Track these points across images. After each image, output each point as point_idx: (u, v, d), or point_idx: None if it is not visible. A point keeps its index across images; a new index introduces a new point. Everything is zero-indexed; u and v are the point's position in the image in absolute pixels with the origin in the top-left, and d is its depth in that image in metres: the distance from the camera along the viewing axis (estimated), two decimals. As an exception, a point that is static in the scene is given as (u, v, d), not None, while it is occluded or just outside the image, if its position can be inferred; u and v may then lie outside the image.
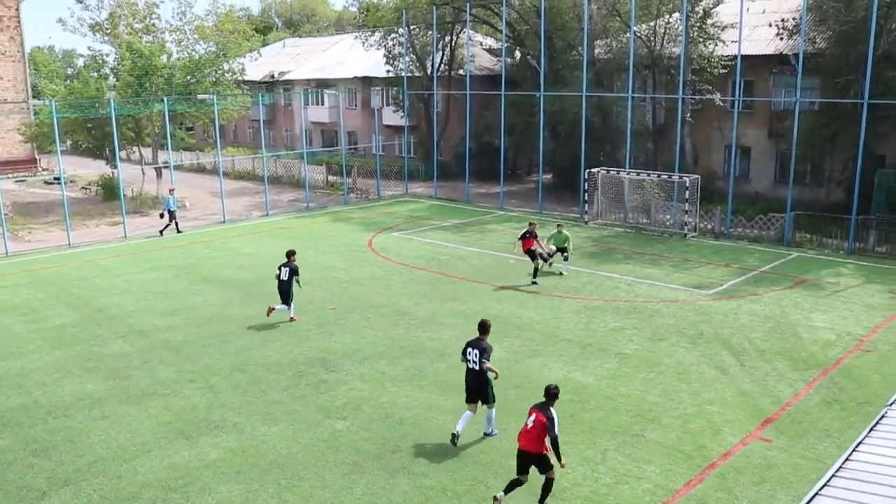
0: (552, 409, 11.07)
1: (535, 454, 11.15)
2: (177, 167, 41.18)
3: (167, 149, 36.99)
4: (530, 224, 24.47)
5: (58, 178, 38.32)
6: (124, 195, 34.19)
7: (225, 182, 37.88)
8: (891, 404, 8.58)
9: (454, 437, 13.03)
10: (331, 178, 46.58)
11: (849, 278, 24.16)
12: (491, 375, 13.02)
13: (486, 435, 13.47)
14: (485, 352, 12.99)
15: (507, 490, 11.23)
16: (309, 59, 64.66)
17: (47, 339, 18.88)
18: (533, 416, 11.15)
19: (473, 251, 28.37)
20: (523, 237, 23.96)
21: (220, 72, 42.15)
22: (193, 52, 42.24)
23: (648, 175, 32.39)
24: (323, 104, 58.00)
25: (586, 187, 33.89)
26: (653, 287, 23.20)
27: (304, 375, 16.29)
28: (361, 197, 42.67)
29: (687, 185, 30.33)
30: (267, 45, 72.29)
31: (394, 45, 46.62)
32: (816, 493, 6.68)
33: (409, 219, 35.36)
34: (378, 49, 47.85)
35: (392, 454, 12.80)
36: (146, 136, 43.30)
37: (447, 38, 46.28)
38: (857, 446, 7.57)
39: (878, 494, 6.59)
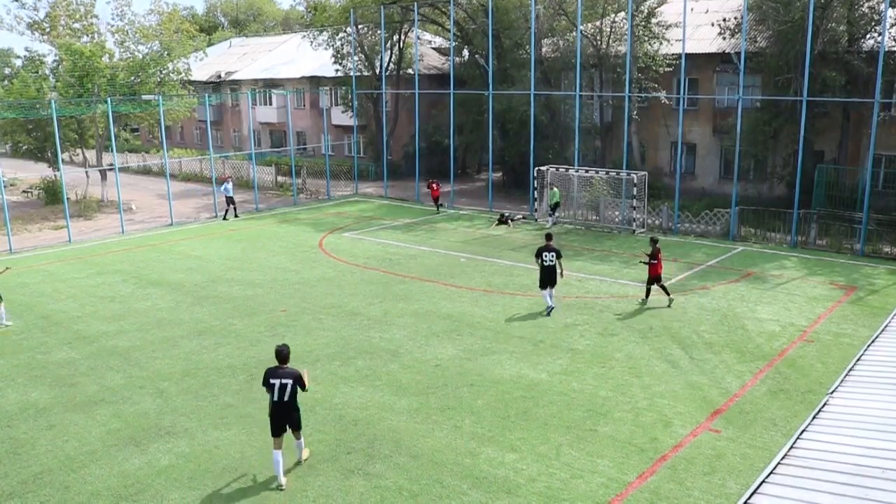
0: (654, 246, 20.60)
1: (659, 276, 20.58)
2: (122, 169, 40.37)
3: (112, 151, 36.22)
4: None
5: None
6: (68, 198, 33.39)
7: (172, 184, 37.25)
8: (832, 392, 8.81)
9: (549, 310, 19.93)
10: (280, 178, 46.20)
11: (792, 271, 24.79)
12: (559, 269, 19.88)
13: (550, 309, 19.94)
14: (559, 252, 19.83)
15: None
16: (256, 58, 63.90)
17: (-11, 348, 18.35)
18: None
19: (424, 250, 28.38)
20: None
21: (164, 72, 41.42)
22: (136, 53, 41.45)
23: (597, 172, 32.76)
24: (271, 104, 57.40)
25: (536, 185, 34.16)
26: (603, 283, 23.49)
27: (256, 378, 16.05)
28: (311, 197, 42.37)
29: (635, 181, 30.77)
30: (213, 44, 71.24)
31: (342, 45, 46.33)
32: (763, 481, 6.84)
33: (359, 219, 35.22)
34: (326, 49, 47.47)
35: (346, 455, 12.74)
36: (90, 137, 42.40)
37: (395, 38, 46.18)
38: (801, 434, 7.75)
39: (821, 479, 6.77)
